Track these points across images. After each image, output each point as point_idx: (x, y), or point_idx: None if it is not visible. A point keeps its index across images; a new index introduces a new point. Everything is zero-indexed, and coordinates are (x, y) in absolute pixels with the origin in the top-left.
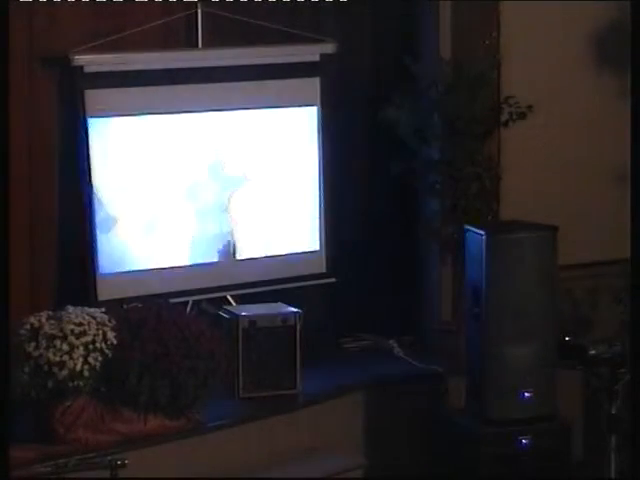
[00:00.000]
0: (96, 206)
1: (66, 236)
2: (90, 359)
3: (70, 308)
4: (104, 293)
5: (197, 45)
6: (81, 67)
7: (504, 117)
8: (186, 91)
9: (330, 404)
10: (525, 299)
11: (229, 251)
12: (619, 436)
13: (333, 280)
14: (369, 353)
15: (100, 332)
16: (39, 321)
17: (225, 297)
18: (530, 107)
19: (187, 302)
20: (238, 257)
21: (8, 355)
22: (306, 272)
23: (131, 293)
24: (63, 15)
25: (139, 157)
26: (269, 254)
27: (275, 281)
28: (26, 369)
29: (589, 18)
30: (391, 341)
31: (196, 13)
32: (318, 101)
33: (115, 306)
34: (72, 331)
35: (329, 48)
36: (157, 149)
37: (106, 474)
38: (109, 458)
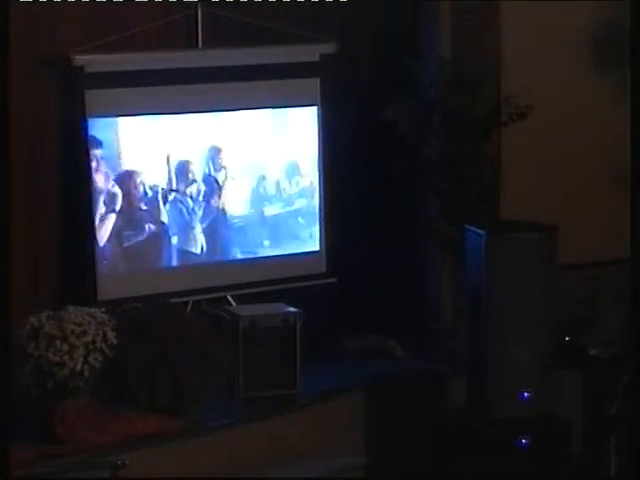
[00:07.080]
0: (96, 206)
1: (66, 236)
2: (90, 359)
3: (70, 308)
4: (104, 293)
5: (197, 45)
6: (81, 67)
7: (504, 117)
8: (186, 91)
9: (330, 404)
10: (525, 299)
11: (229, 251)
12: (619, 436)
13: (333, 280)
14: (369, 353)
15: (100, 332)
16: (39, 321)
17: (225, 297)
18: (530, 107)
19: (187, 302)
20: (238, 257)
21: (8, 355)
22: (306, 272)
23: (131, 293)
24: (63, 15)
25: (139, 157)
26: (269, 254)
27: (275, 281)
28: (26, 369)
29: (589, 18)
30: (391, 341)
31: (196, 13)
32: (318, 101)
33: (115, 306)
34: (72, 331)
35: (329, 48)
36: (157, 149)
37: (106, 474)
38: (109, 458)
